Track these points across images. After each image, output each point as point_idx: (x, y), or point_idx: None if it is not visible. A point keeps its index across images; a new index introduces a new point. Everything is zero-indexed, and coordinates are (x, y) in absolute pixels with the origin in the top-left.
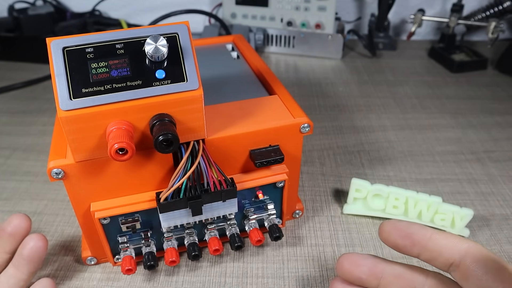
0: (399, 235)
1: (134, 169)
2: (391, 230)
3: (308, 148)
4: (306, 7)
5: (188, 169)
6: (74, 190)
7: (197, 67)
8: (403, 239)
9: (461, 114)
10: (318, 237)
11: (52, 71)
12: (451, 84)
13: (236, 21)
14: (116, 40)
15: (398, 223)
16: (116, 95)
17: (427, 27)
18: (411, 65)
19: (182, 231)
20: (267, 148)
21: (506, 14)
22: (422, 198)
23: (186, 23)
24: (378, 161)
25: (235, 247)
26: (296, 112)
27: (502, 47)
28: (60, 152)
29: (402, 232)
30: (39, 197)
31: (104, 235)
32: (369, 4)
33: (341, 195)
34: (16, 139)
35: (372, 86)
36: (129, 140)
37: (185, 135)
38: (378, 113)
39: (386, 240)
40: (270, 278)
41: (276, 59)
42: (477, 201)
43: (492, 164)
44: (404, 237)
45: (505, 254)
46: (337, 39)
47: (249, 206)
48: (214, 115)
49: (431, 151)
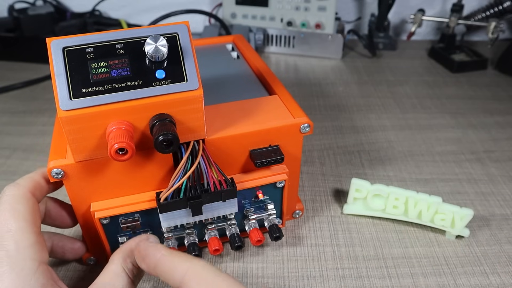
0: (139, 257)
1: (134, 169)
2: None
3: (308, 148)
4: (306, 7)
5: (188, 169)
6: (74, 190)
7: (197, 67)
8: (141, 262)
9: (461, 114)
10: (318, 237)
11: (52, 71)
12: (451, 84)
13: (236, 21)
14: (116, 40)
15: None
16: (116, 95)
17: (427, 27)
18: (411, 65)
19: (182, 231)
20: (267, 148)
21: (506, 14)
22: (422, 198)
23: (186, 23)
24: (378, 161)
25: (235, 247)
26: (296, 112)
27: (502, 47)
28: (60, 152)
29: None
30: None
31: (104, 235)
32: (369, 4)
33: (341, 195)
34: (16, 139)
35: (372, 86)
36: (129, 140)
37: (185, 135)
38: (378, 113)
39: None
40: (270, 278)
41: (276, 59)
42: (477, 201)
43: (492, 164)
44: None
45: (505, 254)
46: (337, 39)
47: (249, 206)
48: (214, 115)
49: (431, 151)
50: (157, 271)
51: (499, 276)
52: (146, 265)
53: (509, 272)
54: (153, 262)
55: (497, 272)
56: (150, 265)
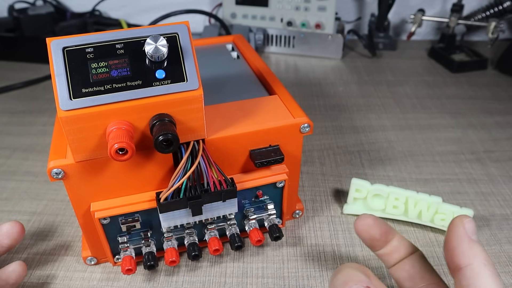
0: (380, 231)
1: (134, 169)
2: (372, 225)
3: (308, 148)
4: (306, 7)
5: (188, 169)
6: (74, 190)
7: (197, 67)
8: (381, 235)
9: (461, 114)
10: (318, 237)
11: (52, 71)
12: (451, 84)
13: (236, 21)
14: (116, 40)
15: (377, 218)
16: (116, 95)
17: (427, 27)
18: (411, 65)
19: (182, 231)
20: (267, 148)
21: (506, 14)
22: (422, 198)
23: (186, 23)
24: (378, 161)
25: (235, 247)
26: (296, 112)
27: (502, 47)
28: (60, 152)
29: (382, 228)
30: (39, 197)
31: (104, 235)
32: (369, 4)
33: (341, 195)
34: (16, 139)
35: (372, 86)
36: (129, 140)
37: (185, 135)
38: (378, 113)
39: (364, 232)
40: (270, 278)
41: (276, 59)
42: (477, 201)
43: (492, 164)
44: (381, 234)
45: (505, 254)
46: (337, 39)
47: (249, 206)
48: (214, 115)
49: (431, 151)
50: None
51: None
52: (386, 239)
53: (509, 272)
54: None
55: (497, 272)
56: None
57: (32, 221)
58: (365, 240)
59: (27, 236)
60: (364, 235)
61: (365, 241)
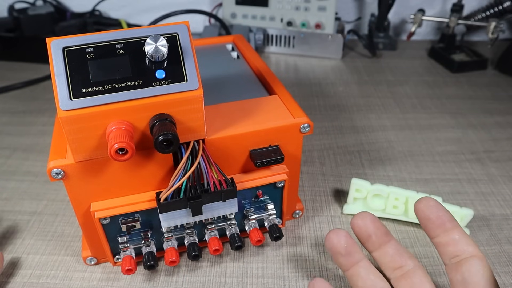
0: (437, 215)
1: (134, 169)
2: (432, 206)
3: (308, 148)
4: (306, 7)
5: (188, 169)
6: (74, 190)
7: (197, 67)
8: (437, 218)
9: (461, 114)
10: (318, 237)
11: (52, 71)
12: (451, 84)
13: (236, 21)
14: (116, 40)
15: (438, 203)
16: (116, 95)
17: (427, 27)
18: (411, 65)
19: (182, 231)
20: (267, 148)
21: (506, 14)
22: None
23: (186, 23)
24: (378, 161)
25: (235, 247)
26: (296, 112)
27: (502, 47)
28: (60, 152)
29: (441, 213)
30: (39, 197)
31: (104, 235)
32: (369, 4)
33: (341, 195)
34: (16, 139)
35: (372, 86)
36: (129, 140)
37: (185, 135)
38: (378, 113)
39: (422, 211)
40: (270, 278)
41: (276, 59)
42: (477, 201)
43: (492, 164)
44: (437, 217)
45: (505, 254)
46: (337, 39)
47: (249, 206)
48: (214, 115)
49: (431, 151)
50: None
51: (499, 276)
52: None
53: (509, 272)
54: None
55: (497, 272)
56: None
57: (32, 221)
58: (361, 238)
59: (27, 236)
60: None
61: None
